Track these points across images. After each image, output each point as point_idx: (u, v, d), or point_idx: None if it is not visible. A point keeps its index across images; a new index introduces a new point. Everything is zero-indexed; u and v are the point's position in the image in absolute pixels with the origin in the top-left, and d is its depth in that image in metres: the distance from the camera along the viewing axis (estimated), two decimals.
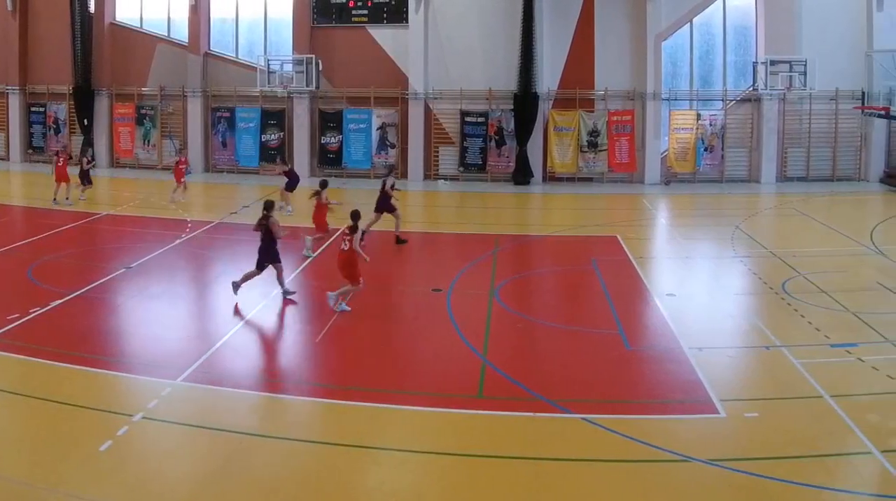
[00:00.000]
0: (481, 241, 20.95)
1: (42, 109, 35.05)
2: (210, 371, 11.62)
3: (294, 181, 24.09)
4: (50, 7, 34.26)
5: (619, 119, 30.58)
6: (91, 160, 26.52)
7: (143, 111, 33.84)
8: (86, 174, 25.63)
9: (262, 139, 32.60)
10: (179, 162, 25.53)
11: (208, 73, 33.41)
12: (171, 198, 25.25)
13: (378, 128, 31.93)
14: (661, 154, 30.79)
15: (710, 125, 30.53)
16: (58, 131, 34.83)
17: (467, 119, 31.26)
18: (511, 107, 30.49)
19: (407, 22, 31.31)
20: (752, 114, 30.68)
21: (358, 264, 14.31)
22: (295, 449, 9.44)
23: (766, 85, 29.06)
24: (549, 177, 31.04)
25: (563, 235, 21.97)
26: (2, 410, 10.32)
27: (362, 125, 31.94)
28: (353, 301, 14.56)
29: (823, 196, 27.76)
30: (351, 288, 14.38)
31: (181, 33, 33.62)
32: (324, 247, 18.96)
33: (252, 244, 15.49)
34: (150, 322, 14.17)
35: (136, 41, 34.24)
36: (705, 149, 30.52)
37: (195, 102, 32.98)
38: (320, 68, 31.39)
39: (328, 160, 32.24)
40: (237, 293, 14.91)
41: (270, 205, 15.18)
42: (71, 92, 33.97)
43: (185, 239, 20.33)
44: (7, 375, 11.34)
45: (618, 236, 21.02)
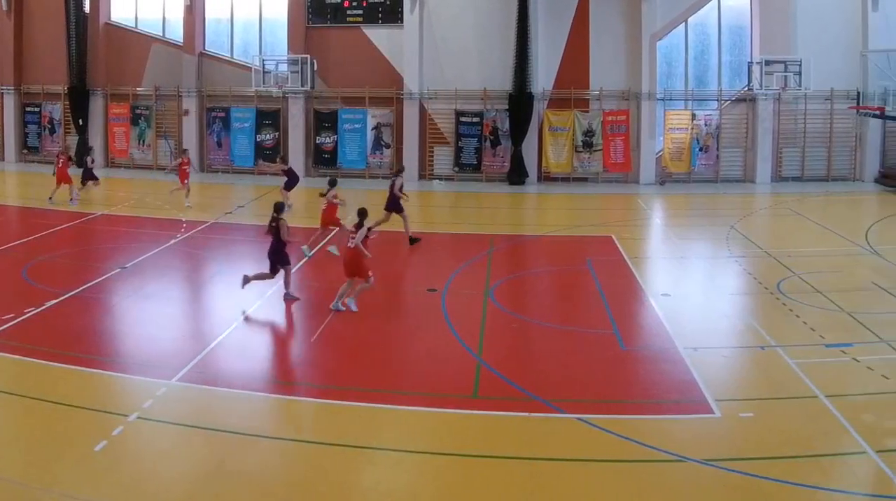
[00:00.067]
0: (476, 241, 20.95)
1: (37, 109, 34.95)
2: (205, 371, 11.62)
3: (293, 180, 24.07)
4: (45, 7, 34.16)
5: (614, 119, 30.59)
6: (93, 160, 26.58)
7: (138, 111, 33.77)
8: (90, 173, 25.73)
9: (258, 139, 32.55)
10: (183, 162, 25.38)
11: (203, 73, 33.35)
12: (171, 191, 25.16)
13: (373, 129, 31.89)
14: (656, 154, 30.79)
15: (705, 125, 30.54)
16: (53, 131, 34.75)
17: (462, 119, 31.23)
18: (506, 107, 30.47)
19: (402, 22, 31.26)
20: (747, 114, 30.70)
21: (364, 260, 14.35)
22: (290, 449, 9.44)
23: (761, 85, 29.05)
24: (544, 177, 31.04)
25: (558, 235, 21.98)
26: None
27: (357, 125, 31.91)
28: (343, 302, 14.53)
29: (818, 196, 27.80)
30: (364, 284, 14.40)
31: (176, 33, 33.53)
32: (321, 245, 18.94)
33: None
34: (145, 322, 14.16)
35: (131, 41, 34.15)
36: (700, 149, 30.54)
37: (190, 102, 32.90)
38: (315, 68, 31.34)
39: (323, 160, 32.21)
40: (244, 287, 14.92)
41: (280, 207, 15.15)
42: (66, 92, 33.87)
43: (180, 239, 20.30)
44: (2, 375, 11.32)
45: (613, 236, 21.02)
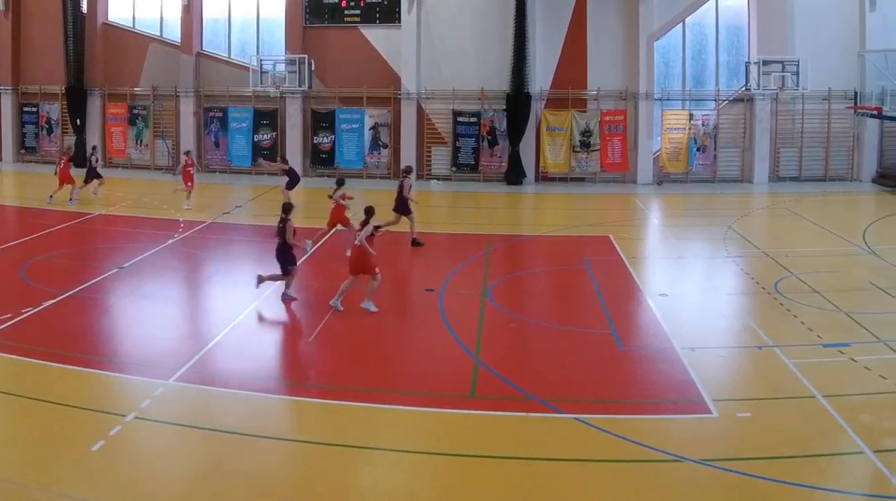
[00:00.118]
0: (474, 241, 20.95)
1: (34, 109, 34.86)
2: (203, 371, 11.61)
3: (294, 180, 24.07)
4: (42, 7, 34.10)
5: (612, 119, 30.58)
6: (98, 160, 26.55)
7: (135, 111, 33.73)
8: (94, 171, 25.72)
9: (255, 139, 32.51)
10: (187, 164, 25.13)
11: (201, 73, 33.33)
12: (174, 190, 24.98)
13: (370, 128, 31.87)
14: (654, 154, 30.80)
15: (703, 125, 30.55)
16: (50, 131, 34.69)
17: (460, 119, 31.22)
18: (503, 107, 30.47)
19: (399, 22, 31.25)
20: (744, 114, 30.72)
21: (369, 258, 14.36)
22: (287, 449, 9.45)
23: (758, 85, 29.08)
24: (542, 177, 31.03)
25: (555, 235, 21.99)
26: None
27: (355, 125, 31.88)
28: (344, 300, 14.52)
29: (816, 196, 27.82)
30: (373, 282, 14.40)
31: (174, 33, 33.50)
32: (322, 241, 18.94)
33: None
34: (143, 322, 14.15)
35: (129, 41, 34.11)
36: (698, 149, 30.55)
37: (187, 102, 32.90)
38: (313, 68, 31.32)
39: (321, 160, 32.19)
40: (258, 287, 15.04)
41: (288, 208, 15.13)
42: (63, 92, 33.82)
43: (177, 239, 20.28)
44: None
45: (610, 236, 21.03)
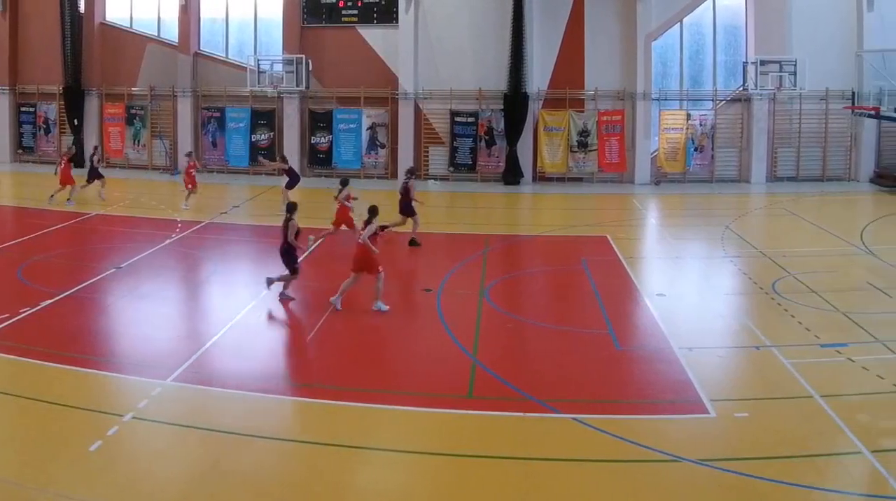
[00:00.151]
0: (471, 241, 20.95)
1: (32, 109, 34.82)
2: (200, 371, 11.60)
3: (294, 179, 24.08)
4: (40, 7, 34.06)
5: (609, 119, 30.59)
6: (99, 159, 26.52)
7: (133, 111, 33.70)
8: (95, 171, 25.68)
9: (253, 139, 32.50)
10: (190, 165, 25.02)
11: (198, 73, 33.30)
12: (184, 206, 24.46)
13: (368, 128, 31.86)
14: (651, 154, 30.81)
15: (700, 125, 30.57)
16: (48, 131, 34.66)
17: (457, 119, 31.22)
18: (501, 107, 30.47)
19: (397, 22, 31.24)
20: (742, 114, 30.74)
21: (372, 256, 14.36)
22: (285, 449, 9.44)
23: (756, 85, 29.10)
24: (539, 177, 31.03)
25: (552, 235, 21.99)
26: None
27: (352, 125, 31.87)
28: (344, 300, 14.51)
29: (813, 196, 27.84)
30: (378, 282, 14.40)
31: (171, 33, 33.47)
32: (322, 239, 18.93)
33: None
34: (140, 322, 14.14)
35: (126, 41, 34.09)
36: (695, 149, 30.57)
37: (185, 102, 32.88)
38: (310, 68, 31.30)
39: (318, 160, 32.17)
40: (269, 288, 15.10)
41: (293, 208, 15.08)
42: (61, 92, 33.79)
43: (175, 239, 20.27)
44: None
45: (608, 236, 21.03)
